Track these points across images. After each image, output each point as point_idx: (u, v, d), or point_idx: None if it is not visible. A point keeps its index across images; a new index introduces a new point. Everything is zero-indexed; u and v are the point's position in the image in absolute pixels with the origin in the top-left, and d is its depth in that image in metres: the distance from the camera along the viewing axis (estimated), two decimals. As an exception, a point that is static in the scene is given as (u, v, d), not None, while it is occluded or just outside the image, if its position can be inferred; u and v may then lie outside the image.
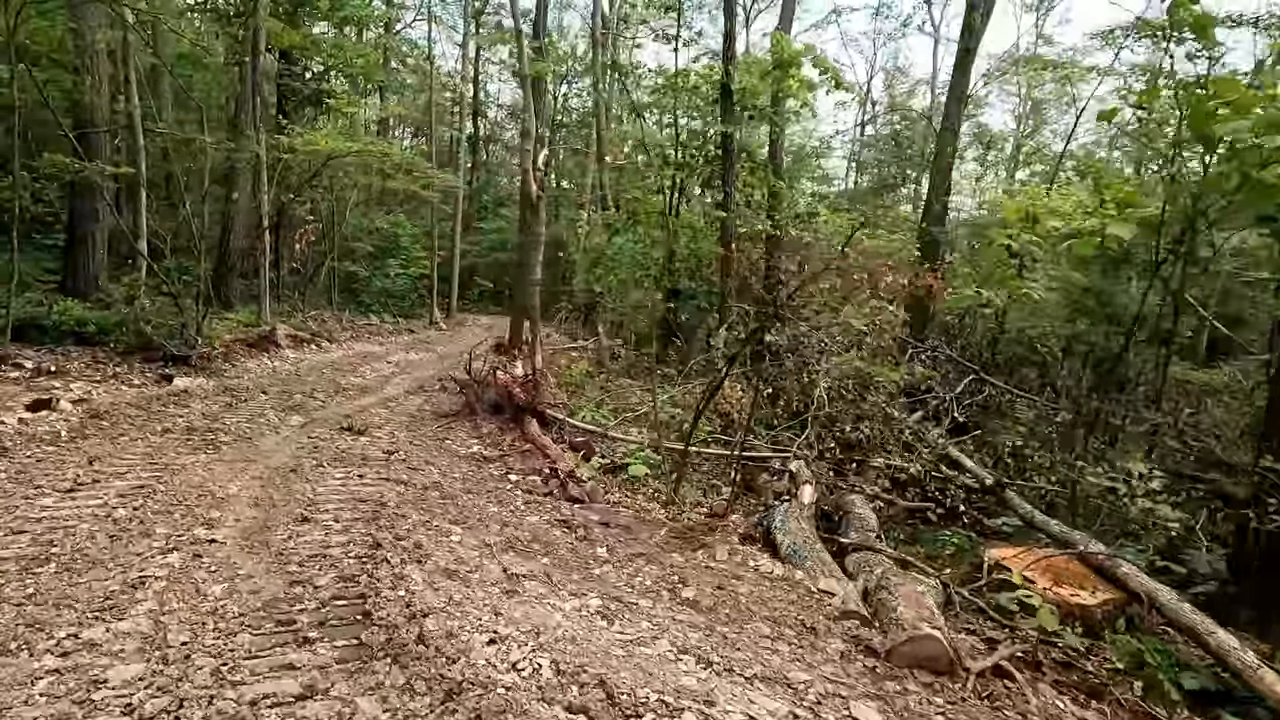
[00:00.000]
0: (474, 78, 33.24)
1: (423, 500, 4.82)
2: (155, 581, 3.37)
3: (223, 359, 9.78)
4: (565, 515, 4.79)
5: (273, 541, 3.91)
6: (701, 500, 5.85)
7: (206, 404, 7.46)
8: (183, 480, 4.83)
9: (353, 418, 7.68)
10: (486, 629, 2.97)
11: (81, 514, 4.12)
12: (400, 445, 6.42)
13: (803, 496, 5.19)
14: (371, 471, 5.43)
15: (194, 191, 12.38)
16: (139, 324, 8.73)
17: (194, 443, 5.88)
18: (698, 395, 8.20)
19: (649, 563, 4.08)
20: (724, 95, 11.25)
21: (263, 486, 4.90)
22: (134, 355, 8.67)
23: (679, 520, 5.00)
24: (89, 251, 11.32)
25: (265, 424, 6.89)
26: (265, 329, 11.99)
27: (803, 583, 3.77)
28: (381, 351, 14.79)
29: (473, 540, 4.16)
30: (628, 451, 6.88)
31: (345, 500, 4.69)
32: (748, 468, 6.53)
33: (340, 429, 6.88)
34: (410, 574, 3.49)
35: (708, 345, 14.51)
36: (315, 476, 5.18)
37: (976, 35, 14.09)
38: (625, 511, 5.12)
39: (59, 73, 10.59)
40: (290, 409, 7.76)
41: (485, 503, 4.96)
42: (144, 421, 6.39)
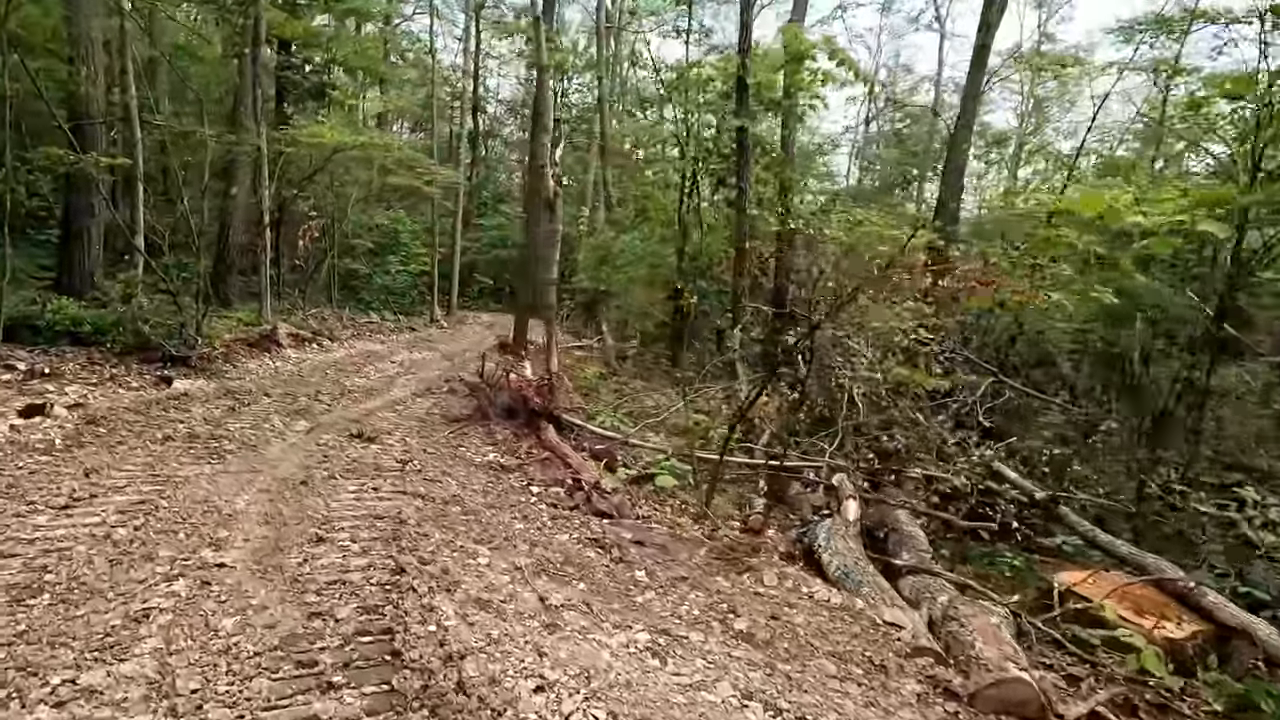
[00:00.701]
0: (474, 72, 32.84)
1: (443, 516, 4.52)
2: (160, 614, 3.06)
3: (223, 359, 9.45)
4: (596, 533, 4.49)
5: (286, 565, 3.60)
6: (733, 513, 5.55)
7: (208, 408, 7.14)
8: (186, 494, 4.51)
9: (361, 423, 7.37)
10: (532, 673, 2.67)
11: (78, 534, 3.80)
12: (414, 454, 6.11)
13: (847, 512, 4.90)
14: (386, 483, 5.12)
15: (192, 186, 12.04)
16: (137, 323, 8.39)
17: (197, 451, 5.56)
18: (719, 399, 7.91)
19: (693, 588, 3.78)
20: (740, 88, 10.94)
21: (272, 501, 4.59)
22: (131, 356, 8.33)
23: (716, 538, 4.70)
24: (84, 248, 10.96)
25: (270, 430, 6.57)
26: (266, 328, 11.64)
27: (864, 613, 3.49)
28: (384, 350, 14.46)
29: (502, 563, 3.85)
30: (650, 460, 6.58)
31: (361, 517, 4.38)
32: (777, 478, 6.24)
33: (349, 435, 6.56)
34: (440, 605, 3.19)
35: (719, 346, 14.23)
36: (328, 489, 4.86)
37: (993, 30, 13.82)
38: (658, 528, 4.82)
39: (53, 62, 10.21)
40: (296, 413, 7.43)
41: (510, 519, 4.65)
42: (143, 428, 6.07)
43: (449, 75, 33.95)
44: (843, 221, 7.46)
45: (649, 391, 10.54)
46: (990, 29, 13.64)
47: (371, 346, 14.87)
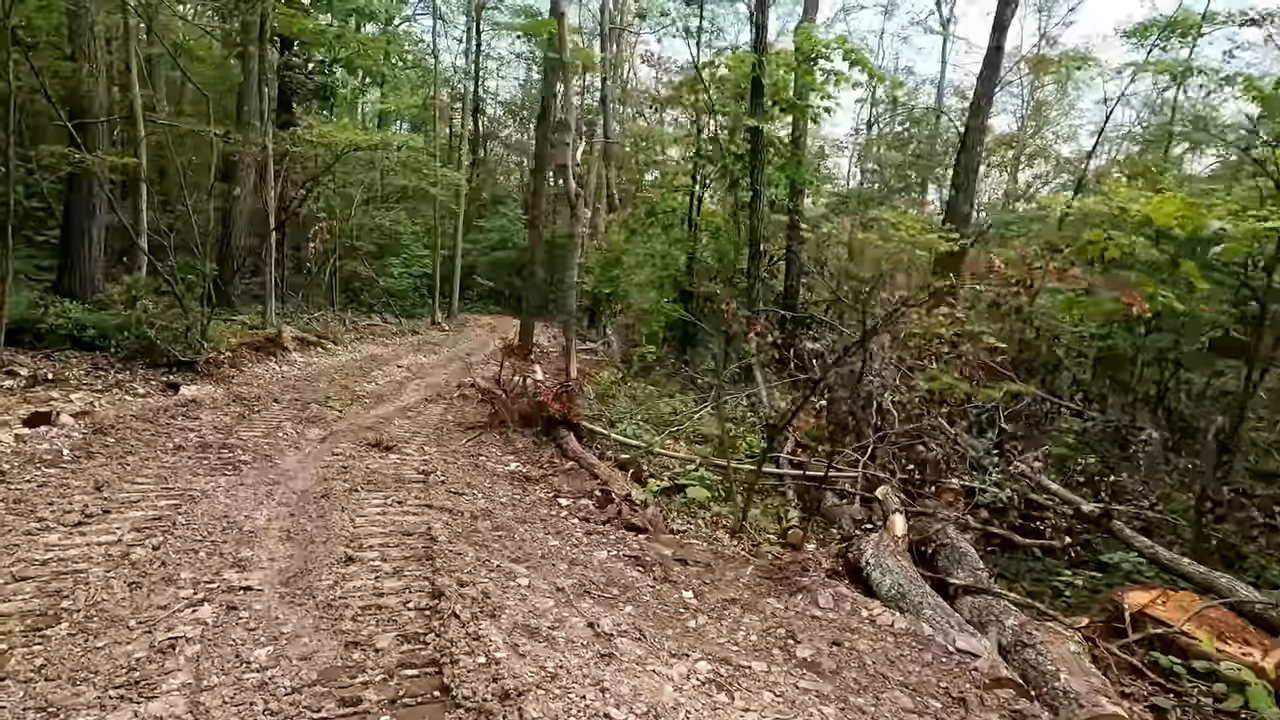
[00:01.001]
0: (475, 73, 32.64)
1: (474, 532, 4.31)
2: (187, 644, 2.84)
3: (229, 364, 9.22)
4: (634, 550, 4.29)
5: (317, 588, 3.39)
6: (768, 526, 5.36)
7: (218, 415, 6.91)
8: (204, 510, 4.29)
9: (375, 430, 7.15)
10: (597, 713, 2.46)
11: (93, 554, 3.59)
12: (434, 464, 5.89)
13: (893, 527, 4.71)
14: (411, 496, 4.90)
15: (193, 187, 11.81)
16: (142, 328, 8.15)
17: (210, 462, 5.34)
18: (743, 405, 7.71)
19: (746, 611, 3.58)
20: (755, 88, 10.76)
21: (293, 516, 4.37)
22: (136, 361, 8.10)
23: (760, 555, 4.51)
24: (85, 249, 10.71)
25: (284, 439, 6.35)
26: (272, 331, 11.41)
27: (933, 639, 3.29)
28: (389, 354, 14.25)
29: (543, 584, 3.65)
30: (676, 470, 6.38)
31: (390, 533, 4.16)
32: (808, 488, 6.05)
33: (366, 444, 6.34)
34: (486, 633, 2.98)
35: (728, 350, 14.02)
36: (350, 503, 4.65)
37: (1007, 31, 13.69)
38: (697, 544, 4.61)
39: (55, 59, 9.98)
40: (308, 420, 7.21)
41: (543, 535, 4.44)
42: (153, 437, 5.84)
43: (449, 76, 33.72)
44: (876, 225, 7.25)
45: (662, 396, 10.34)
46: (1004, 30, 13.52)
47: (376, 350, 14.66)
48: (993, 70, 13.73)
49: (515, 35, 38.21)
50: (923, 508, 5.23)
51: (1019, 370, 10.71)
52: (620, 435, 7.08)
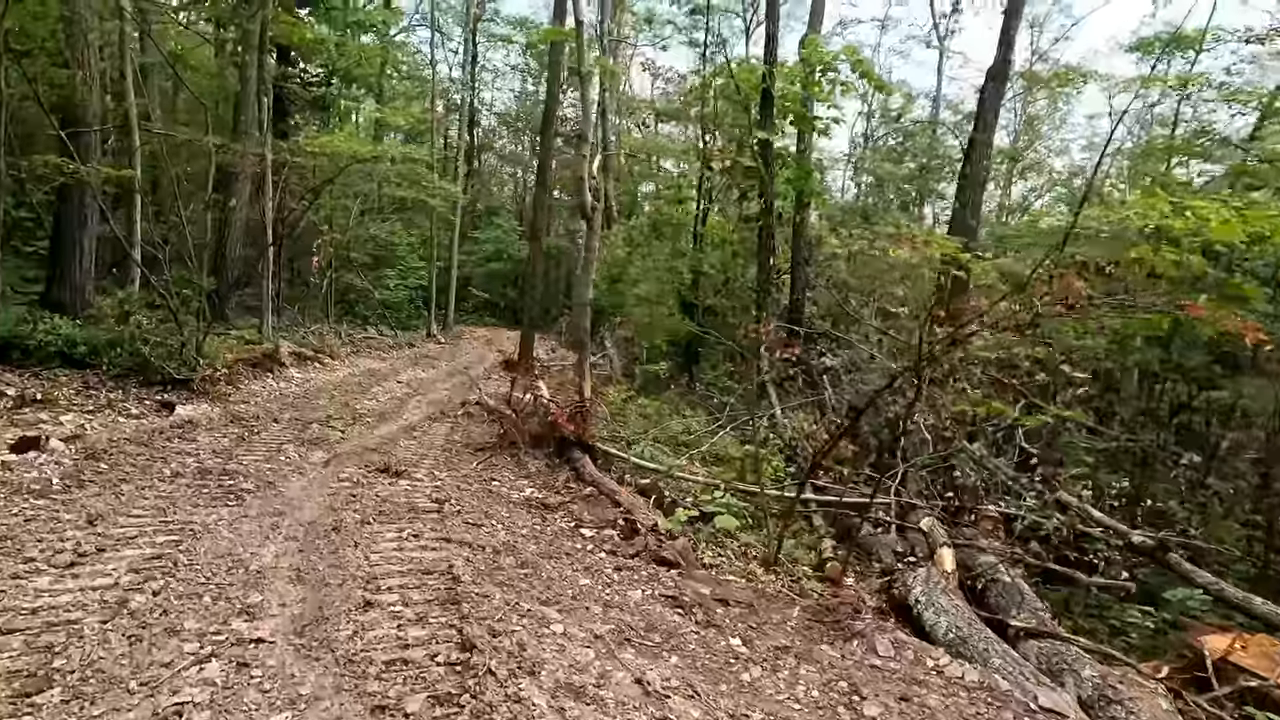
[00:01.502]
0: (471, 85, 32.50)
1: (498, 570, 4.02)
2: (196, 711, 2.55)
3: (226, 381, 8.89)
4: (670, 589, 4.01)
5: (335, 640, 3.09)
6: (801, 556, 5.09)
7: (216, 437, 6.59)
8: (207, 547, 3.98)
9: (380, 451, 6.85)
10: (666, 796, 2.18)
11: (87, 601, 3.28)
12: (447, 490, 5.60)
13: (943, 562, 4.46)
14: (427, 528, 4.61)
15: (187, 198, 11.51)
16: (136, 344, 7.82)
17: (210, 491, 5.02)
18: (764, 426, 7.47)
19: (801, 661, 3.31)
20: (765, 101, 10.61)
21: (302, 552, 4.07)
22: (129, 379, 7.76)
23: (801, 591, 4.24)
24: (75, 260, 10.36)
25: (287, 463, 6.03)
26: (269, 347, 11.08)
27: (1012, 695, 3.03)
28: (387, 369, 13.92)
29: (579, 630, 3.36)
30: (698, 495, 6.11)
31: (408, 572, 3.87)
32: (839, 515, 5.80)
33: (373, 469, 6.04)
34: (528, 694, 2.69)
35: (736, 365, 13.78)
36: (363, 537, 4.35)
37: (1014, 46, 13.64)
38: (734, 580, 4.34)
39: (48, 66, 9.69)
40: (310, 442, 6.90)
41: (572, 571, 4.16)
42: (148, 463, 5.52)
43: (446, 88, 33.59)
44: (905, 240, 7.05)
45: (672, 413, 10.07)
46: (1011, 45, 13.47)
47: (373, 364, 14.33)
48: (999, 84, 13.65)
49: (510, 47, 38.22)
50: (964, 538, 4.98)
51: (1027, 388, 10.54)
52: (638, 458, 6.80)
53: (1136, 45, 15.68)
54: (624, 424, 8.71)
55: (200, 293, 9.15)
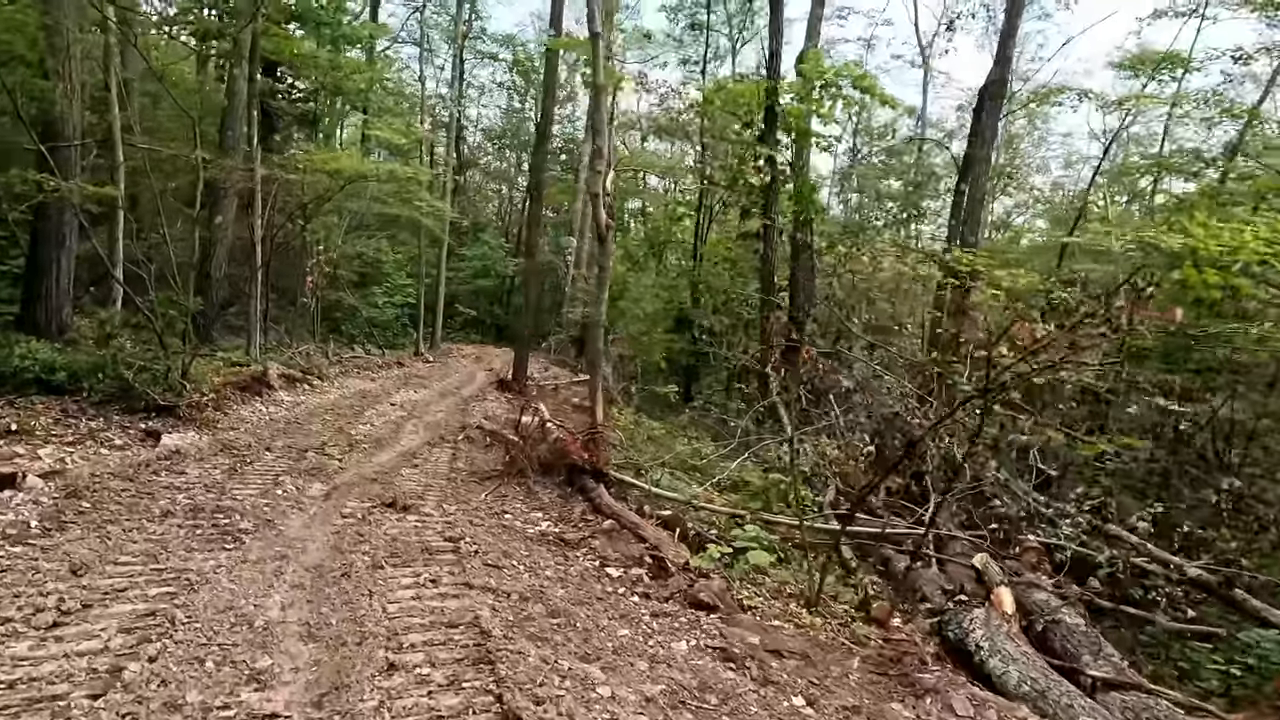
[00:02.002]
0: (458, 100, 32.33)
1: (528, 620, 3.68)
2: (206, 812, 2.19)
3: (213, 407, 8.46)
4: (717, 639, 3.70)
5: (359, 713, 2.74)
6: (840, 593, 4.80)
7: (206, 469, 6.18)
8: (206, 599, 3.61)
9: (381, 482, 6.48)
10: None
11: (74, 670, 2.89)
12: (459, 526, 5.24)
13: (1002, 602, 4.19)
14: (445, 572, 4.26)
15: (171, 214, 11.09)
16: (119, 369, 7.39)
17: (204, 531, 4.63)
18: (779, 450, 7.19)
19: (874, 723, 3.02)
20: (769, 117, 10.47)
21: (312, 603, 3.71)
22: (111, 406, 7.32)
23: (855, 638, 3.94)
24: (53, 280, 9.90)
25: (284, 497, 5.64)
26: (257, 369, 10.65)
27: (1117, 763, 2.77)
28: (378, 390, 13.49)
29: (628, 693, 3.04)
30: (722, 527, 5.81)
31: (432, 625, 3.52)
32: (872, 546, 5.52)
33: (378, 503, 5.67)
34: (588, 779, 2.37)
35: (730, 384, 13.53)
36: (377, 584, 3.99)
37: (1011, 64, 13.70)
38: (781, 626, 4.04)
39: (29, 77, 9.29)
40: (307, 473, 6.50)
41: (608, 620, 3.83)
42: (135, 500, 5.11)
43: (434, 104, 33.41)
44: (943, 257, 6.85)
45: (679, 435, 9.78)
46: (1008, 63, 13.52)
47: (364, 385, 13.90)
48: (997, 102, 13.69)
49: (496, 64, 38.17)
50: (1009, 572, 4.72)
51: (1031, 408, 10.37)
52: (655, 486, 6.48)
53: (1127, 64, 15.84)
54: (634, 448, 8.40)
55: (185, 314, 8.74)
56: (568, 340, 27.63)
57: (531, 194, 15.19)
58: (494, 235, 39.77)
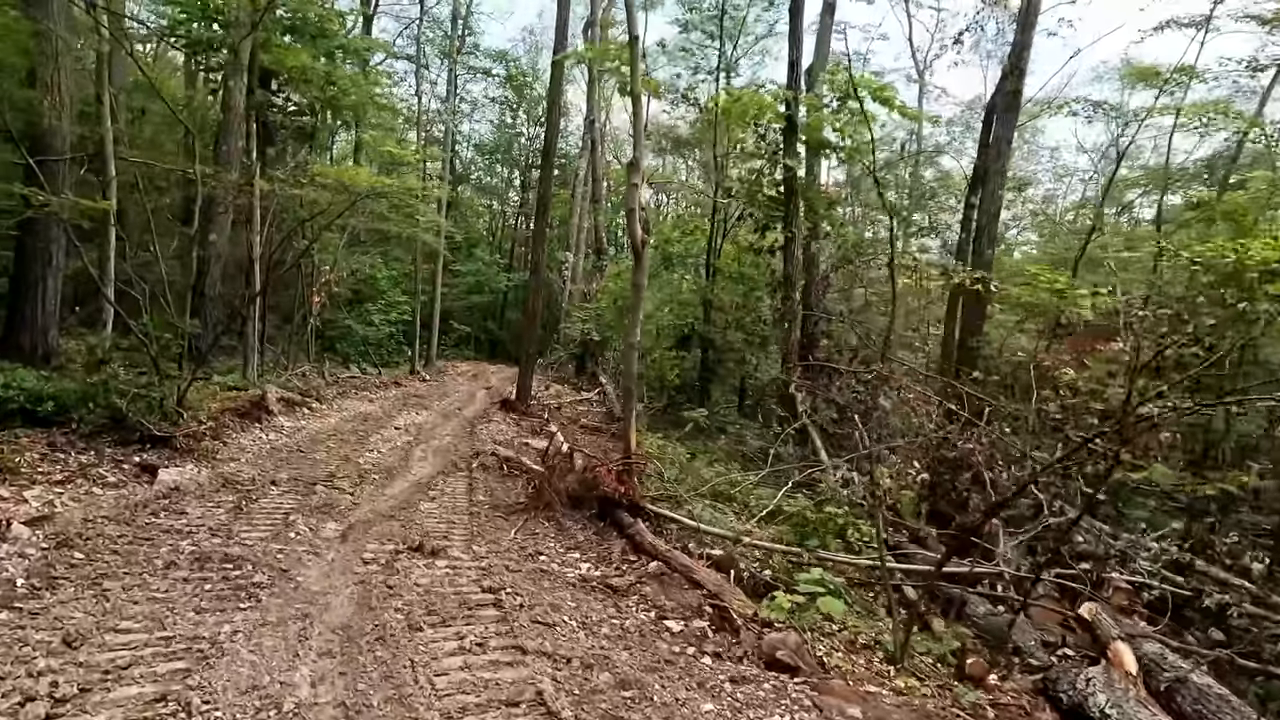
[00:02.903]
0: (452, 114, 32.01)
1: (596, 694, 3.21)
2: None
3: (211, 435, 7.92)
4: (814, 712, 3.23)
5: (425, 832, 2.26)
6: (918, 644, 4.35)
7: (209, 509, 5.66)
8: (225, 677, 3.11)
9: (400, 519, 5.99)
10: None
11: (73, 782, 2.40)
12: (495, 571, 4.76)
13: (1123, 660, 3.76)
14: (491, 632, 3.77)
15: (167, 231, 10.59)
16: (111, 397, 6.86)
17: (214, 586, 4.12)
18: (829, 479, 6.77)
19: (1026, 824, 2.57)
20: (789, 129, 10.15)
21: (345, 675, 3.22)
22: (103, 438, 6.78)
23: (958, 702, 3.50)
24: (40, 302, 9.38)
25: (297, 540, 5.13)
26: (255, 393, 10.11)
27: None
28: (379, 412, 12.96)
29: (734, 792, 2.57)
30: (776, 567, 5.35)
31: (489, 705, 3.04)
32: (936, 586, 5.09)
33: (400, 545, 5.17)
34: None
35: (741, 402, 13.13)
36: (418, 651, 3.50)
37: (1024, 76, 13.50)
38: (876, 691, 3.58)
39: (16, 87, 8.81)
40: (318, 510, 5.99)
41: (686, 692, 3.36)
42: (133, 548, 4.59)
43: (430, 119, 33.07)
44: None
45: (698, 458, 9.32)
46: (1022, 74, 13.32)
47: (363, 407, 13.37)
48: (1012, 113, 13.46)
49: (489, 80, 38.00)
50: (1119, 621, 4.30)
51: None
52: (699, 521, 6.02)
53: (1133, 74, 15.74)
54: (670, 479, 7.90)
55: (181, 336, 8.22)
56: (566, 357, 27.19)
57: (538, 208, 14.77)
58: (490, 251, 39.43)
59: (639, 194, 5.82)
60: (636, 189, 5.77)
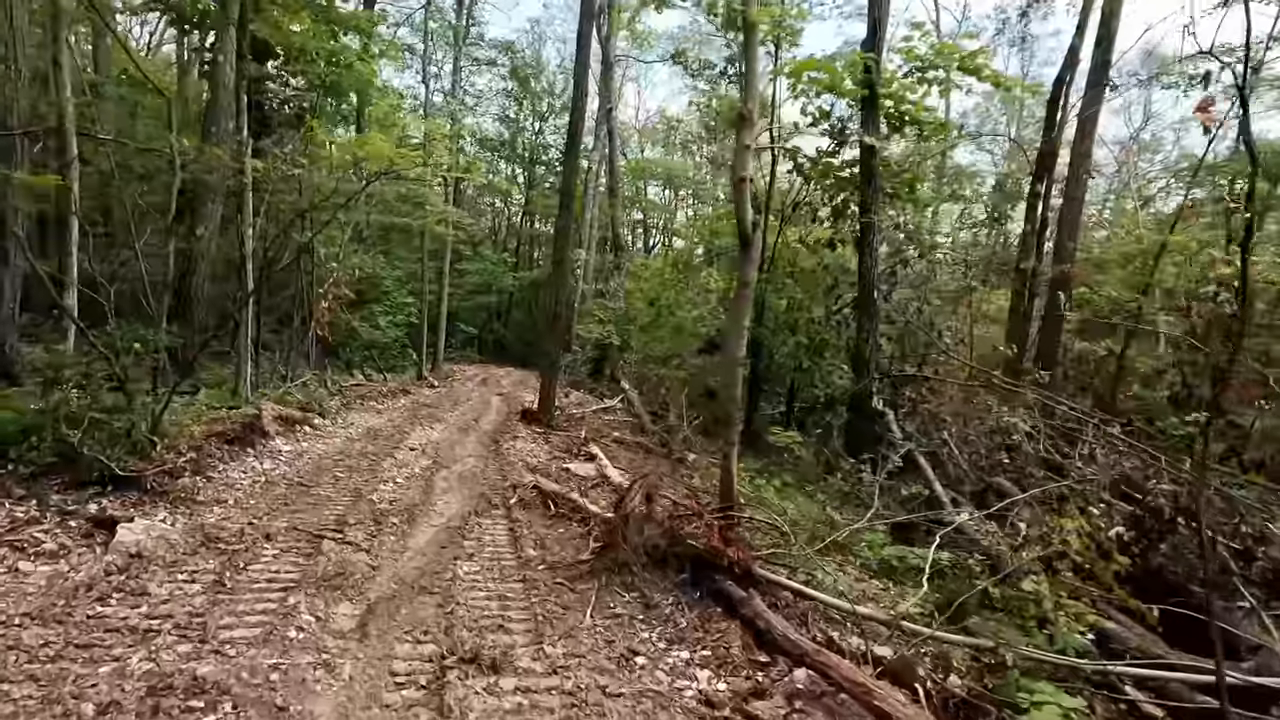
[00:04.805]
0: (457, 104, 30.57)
1: None
2: None
3: (191, 469, 6.46)
4: None
5: None
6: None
7: (179, 586, 4.19)
8: None
9: (433, 590, 4.54)
10: None
11: None
12: (587, 698, 3.29)
13: None
14: None
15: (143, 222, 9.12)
16: (60, 429, 5.40)
17: (173, 748, 2.66)
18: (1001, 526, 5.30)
19: None
20: (870, 98, 8.69)
21: None
22: (49, 481, 5.33)
23: None
24: (-10, 307, 7.97)
25: (300, 644, 3.65)
26: (248, 412, 8.64)
27: None
28: (389, 426, 11.51)
29: None
30: (963, 668, 3.88)
31: None
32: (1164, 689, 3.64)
33: (443, 650, 3.69)
34: None
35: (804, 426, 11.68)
36: None
37: (1113, 44, 12.04)
38: None
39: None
40: (325, 583, 4.51)
41: None
42: (58, 669, 3.13)
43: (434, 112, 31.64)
44: None
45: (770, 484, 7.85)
46: (1111, 43, 11.86)
47: (371, 421, 11.92)
48: (1099, 89, 12.02)
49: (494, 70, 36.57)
50: None
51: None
52: (820, 587, 4.55)
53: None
54: (785, 534, 6.39)
55: (152, 349, 6.76)
56: (581, 360, 25.73)
57: (561, 199, 13.31)
58: (496, 250, 38.09)
59: (749, 158, 4.35)
60: (748, 151, 4.30)
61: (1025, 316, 13.84)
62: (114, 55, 16.29)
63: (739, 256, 4.87)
